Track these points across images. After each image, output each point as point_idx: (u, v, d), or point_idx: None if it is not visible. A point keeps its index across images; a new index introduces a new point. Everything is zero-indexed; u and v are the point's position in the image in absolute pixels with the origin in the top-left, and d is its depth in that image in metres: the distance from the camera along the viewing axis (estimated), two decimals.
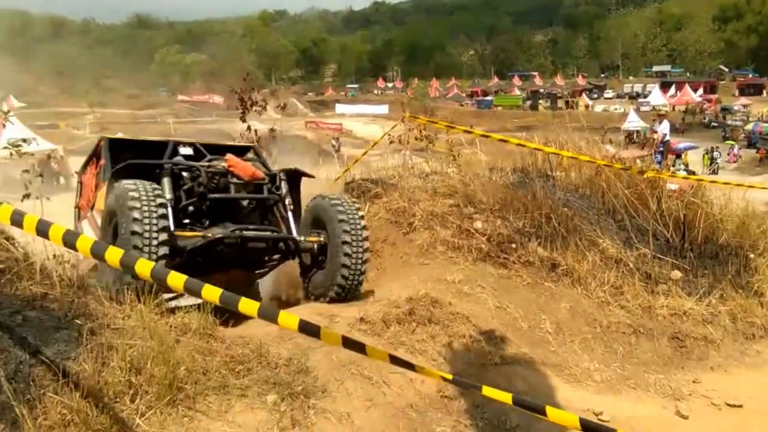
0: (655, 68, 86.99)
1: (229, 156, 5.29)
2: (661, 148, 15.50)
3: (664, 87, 61.37)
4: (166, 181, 4.84)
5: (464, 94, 77.44)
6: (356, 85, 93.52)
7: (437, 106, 43.47)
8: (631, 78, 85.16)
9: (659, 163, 12.15)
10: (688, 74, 79.91)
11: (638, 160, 9.74)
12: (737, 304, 6.69)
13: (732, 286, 6.93)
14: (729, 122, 44.66)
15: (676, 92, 57.94)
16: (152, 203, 4.17)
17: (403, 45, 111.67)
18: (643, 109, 50.12)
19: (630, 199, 7.61)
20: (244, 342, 4.08)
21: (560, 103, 60.81)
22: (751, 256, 7.59)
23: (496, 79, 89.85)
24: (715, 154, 28.29)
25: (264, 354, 4.01)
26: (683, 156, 24.40)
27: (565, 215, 7.10)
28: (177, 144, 5.45)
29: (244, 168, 5.19)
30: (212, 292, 2.44)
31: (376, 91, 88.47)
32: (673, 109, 49.89)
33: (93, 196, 5.65)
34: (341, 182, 8.22)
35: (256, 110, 8.15)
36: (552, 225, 7.01)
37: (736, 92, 67.49)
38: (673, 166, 14.56)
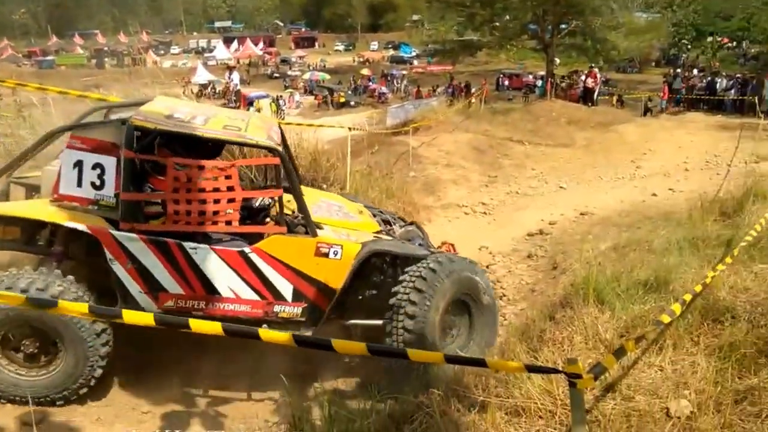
0: (217, 24, 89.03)
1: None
2: (234, 97, 16.21)
3: (228, 42, 63.40)
4: None
5: (21, 55, 66.41)
6: None
7: None
8: (195, 34, 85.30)
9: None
10: (241, 28, 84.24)
11: None
12: None
13: None
14: (289, 72, 48.73)
15: (239, 47, 60.66)
16: None
17: None
18: (210, 63, 51.53)
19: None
20: None
21: (127, 60, 57.37)
22: (324, 186, 8.55)
23: (54, 39, 79.30)
24: (281, 102, 30.57)
25: None
26: (256, 103, 26.04)
27: None
28: None
29: None
30: None
31: None
32: (238, 62, 52.64)
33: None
34: None
35: None
36: None
37: (293, 45, 74.03)
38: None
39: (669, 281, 4.52)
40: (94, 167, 4.07)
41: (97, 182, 4.08)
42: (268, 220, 4.63)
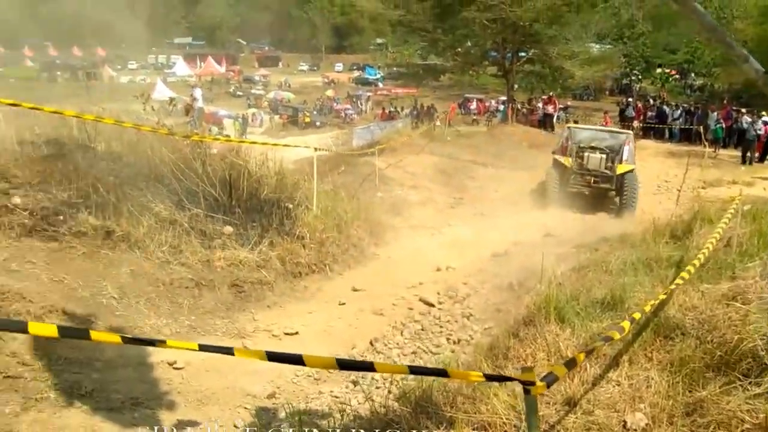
0: (177, 40, 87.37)
1: None
2: (197, 114, 16.19)
3: (189, 59, 62.81)
4: None
5: None
6: None
7: None
8: (153, 49, 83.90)
9: (195, 128, 12.57)
10: (189, 44, 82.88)
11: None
12: (284, 248, 7.56)
13: (278, 234, 7.76)
14: (253, 91, 48.38)
15: (200, 64, 60.14)
16: None
17: None
18: (170, 80, 50.35)
19: (176, 164, 7.72)
20: None
21: (81, 74, 55.72)
22: (290, 206, 8.54)
23: (1, 49, 76.56)
24: (240, 120, 30.11)
25: None
26: (220, 123, 25.76)
27: (113, 184, 6.84)
28: None
29: None
30: None
31: None
32: (200, 79, 52.06)
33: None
34: None
35: None
36: (101, 194, 6.72)
37: (256, 64, 73.22)
38: (210, 132, 15.27)
39: (624, 300, 4.72)
40: None
41: None
42: None
